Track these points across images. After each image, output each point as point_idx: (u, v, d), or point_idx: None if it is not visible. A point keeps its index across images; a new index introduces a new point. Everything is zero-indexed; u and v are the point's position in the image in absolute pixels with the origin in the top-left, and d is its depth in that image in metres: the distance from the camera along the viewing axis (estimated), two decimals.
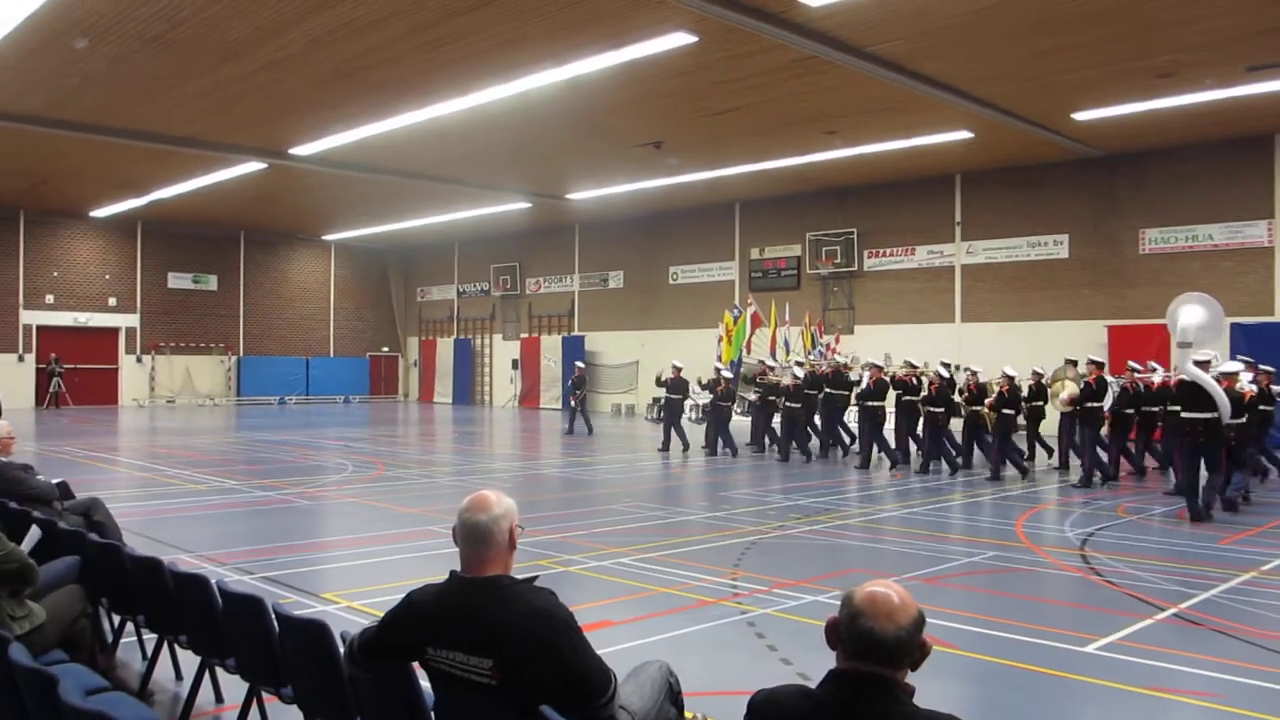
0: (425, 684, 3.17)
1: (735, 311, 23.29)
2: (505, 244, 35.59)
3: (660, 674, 3.35)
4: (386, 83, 16.38)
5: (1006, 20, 13.55)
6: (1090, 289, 22.31)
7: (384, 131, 19.33)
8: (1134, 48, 14.62)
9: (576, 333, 33.38)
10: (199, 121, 19.53)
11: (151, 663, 5.26)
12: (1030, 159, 22.22)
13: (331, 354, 38.47)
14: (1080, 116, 18.28)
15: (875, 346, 22.31)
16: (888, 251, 25.72)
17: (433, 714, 3.13)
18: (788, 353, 21.90)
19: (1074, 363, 16.04)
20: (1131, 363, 15.89)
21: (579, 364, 25.01)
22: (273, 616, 3.97)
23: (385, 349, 40.12)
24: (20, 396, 30.71)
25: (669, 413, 19.48)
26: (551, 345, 33.66)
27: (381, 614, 3.18)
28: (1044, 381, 16.45)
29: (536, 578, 3.00)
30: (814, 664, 5.78)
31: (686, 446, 19.01)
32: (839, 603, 2.45)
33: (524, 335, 35.31)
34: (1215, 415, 11.38)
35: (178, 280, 34.88)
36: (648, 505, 12.56)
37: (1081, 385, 14.98)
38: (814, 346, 22.06)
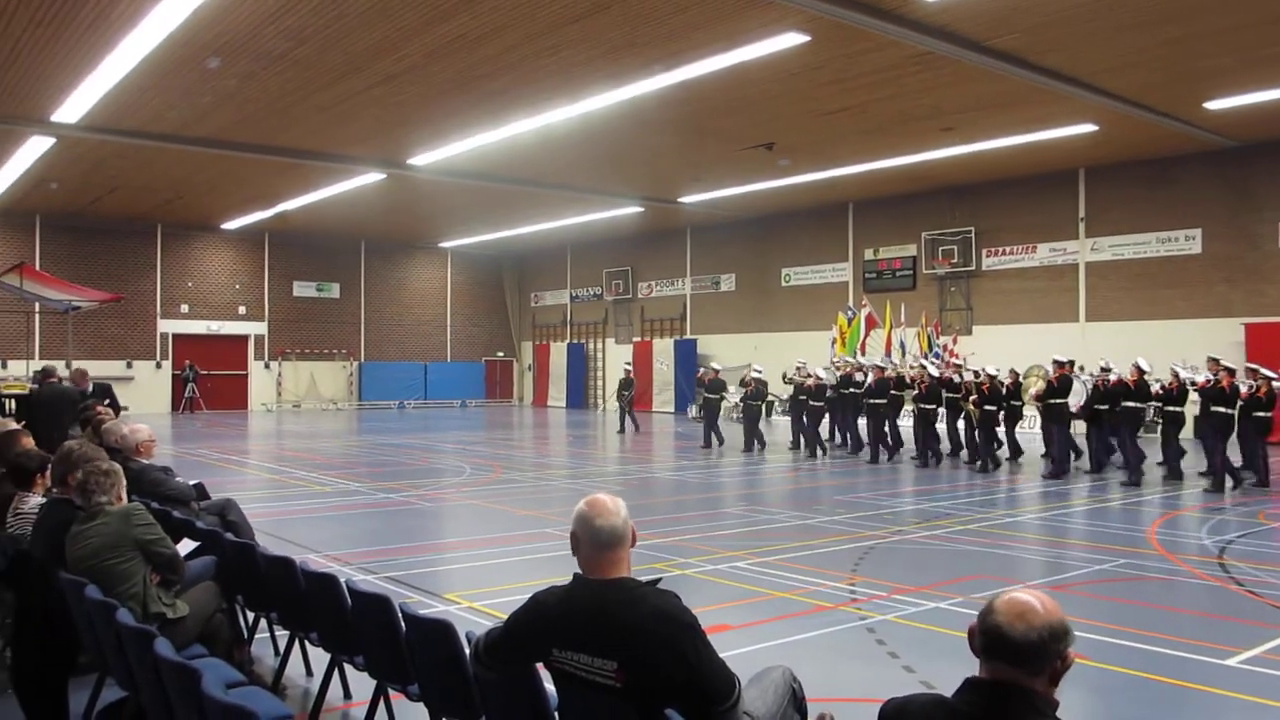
0: (549, 685, 3.20)
1: (849, 313, 22.99)
2: (617, 248, 35.80)
3: (784, 679, 3.32)
4: (501, 91, 16.64)
5: (1132, 8, 13.07)
6: (1225, 285, 21.34)
7: (498, 140, 19.65)
8: (1273, 32, 13.94)
9: (689, 336, 33.37)
10: (322, 134, 20.15)
11: (284, 659, 5.43)
12: (1159, 151, 21.37)
13: (448, 359, 39.23)
14: (1213, 106, 17.51)
15: (994, 347, 21.79)
16: (1007, 250, 25.05)
17: (557, 715, 3.16)
18: (904, 354, 21.52)
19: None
20: (1103, 361, 16.35)
21: (626, 365, 27.27)
22: (400, 616, 4.06)
23: (500, 354, 40.75)
24: (158, 401, 32.17)
25: (708, 412, 20.77)
26: (664, 348, 33.70)
27: (503, 615, 3.23)
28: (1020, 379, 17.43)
29: (660, 580, 3.00)
30: (937, 672, 5.67)
31: (721, 443, 20.13)
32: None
33: (636, 339, 35.44)
34: None
35: (302, 289, 36.07)
36: (761, 509, 12.49)
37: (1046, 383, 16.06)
38: (931, 348, 21.63)
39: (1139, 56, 15.01)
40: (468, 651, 3.55)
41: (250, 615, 6.03)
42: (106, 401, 12.26)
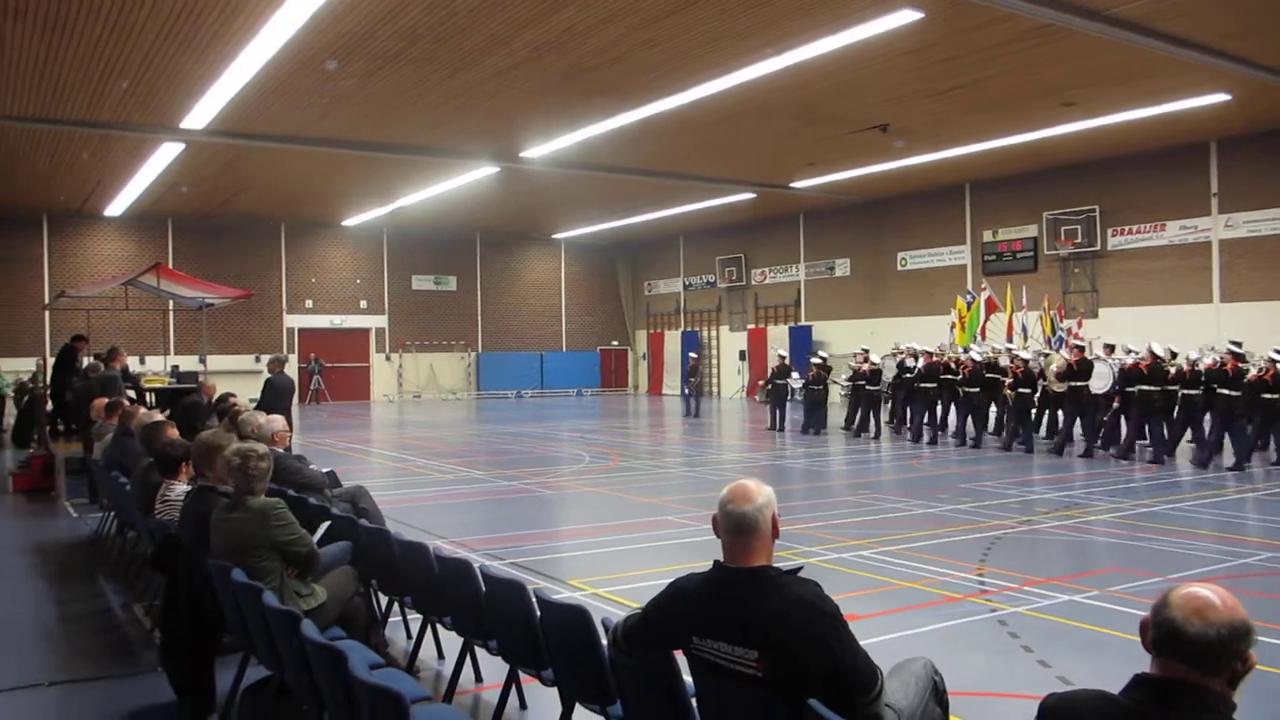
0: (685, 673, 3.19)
1: (968, 297, 22.48)
2: (730, 235, 35.61)
3: (925, 672, 3.24)
4: (610, 83, 16.69)
5: None
6: None
7: (608, 130, 19.71)
8: None
9: (803, 322, 33.03)
10: (436, 130, 20.51)
11: (418, 642, 5.55)
12: None
13: (564, 349, 39.63)
14: None
15: (1122, 330, 20.99)
16: (1134, 228, 24.08)
17: (694, 702, 3.15)
18: (1025, 339, 20.95)
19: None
20: (1128, 345, 17.12)
21: (692, 355, 28.79)
22: (534, 601, 4.11)
23: (615, 343, 40.99)
24: None
25: (775, 396, 22.14)
26: (778, 335, 33.43)
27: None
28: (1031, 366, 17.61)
29: (801, 568, 2.97)
30: (1074, 667, 5.52)
31: (774, 427, 21.46)
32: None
33: (750, 326, 35.26)
34: None
35: (420, 282, 36.85)
36: (884, 497, 12.30)
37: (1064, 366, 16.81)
38: (1054, 332, 21.00)
39: (1274, 18, 14.22)
40: (601, 637, 3.58)
41: (384, 599, 6.19)
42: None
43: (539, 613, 4.07)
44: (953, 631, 6.40)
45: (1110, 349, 17.37)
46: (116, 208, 29.27)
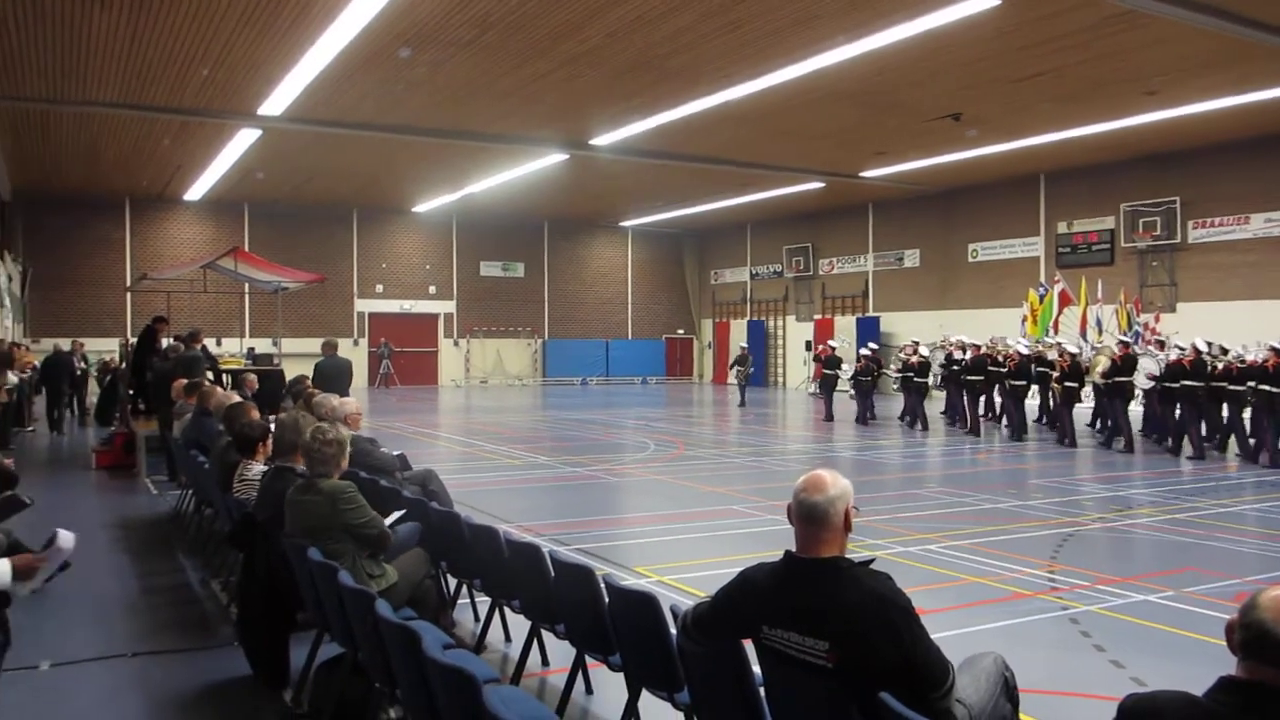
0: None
1: (1041, 290, 22.11)
2: (797, 224, 35.36)
3: (996, 667, 3.21)
4: (680, 70, 16.64)
5: None
6: None
7: (678, 118, 19.66)
8: None
9: (871, 313, 32.72)
10: (507, 118, 20.65)
11: (485, 624, 5.63)
12: None
13: (629, 337, 39.73)
14: None
15: (1201, 326, 20.46)
16: (1216, 221, 23.43)
17: (762, 691, 3.16)
18: (1100, 333, 20.53)
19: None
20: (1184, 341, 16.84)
21: (742, 345, 29.68)
22: (602, 587, 4.14)
23: (680, 331, 40.98)
24: (355, 377, 33.71)
25: (825, 386, 22.65)
26: (845, 326, 33.13)
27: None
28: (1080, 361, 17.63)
29: (873, 560, 2.96)
30: (1148, 668, 5.42)
31: (830, 417, 21.80)
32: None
33: (817, 316, 34.99)
34: None
35: (489, 269, 37.20)
36: (952, 490, 12.16)
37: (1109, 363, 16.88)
38: (1130, 326, 20.55)
39: None
40: (670, 624, 3.60)
41: (453, 581, 6.27)
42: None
43: (607, 599, 4.10)
44: (1023, 628, 6.32)
45: (1161, 344, 17.55)
46: (195, 192, 29.97)
